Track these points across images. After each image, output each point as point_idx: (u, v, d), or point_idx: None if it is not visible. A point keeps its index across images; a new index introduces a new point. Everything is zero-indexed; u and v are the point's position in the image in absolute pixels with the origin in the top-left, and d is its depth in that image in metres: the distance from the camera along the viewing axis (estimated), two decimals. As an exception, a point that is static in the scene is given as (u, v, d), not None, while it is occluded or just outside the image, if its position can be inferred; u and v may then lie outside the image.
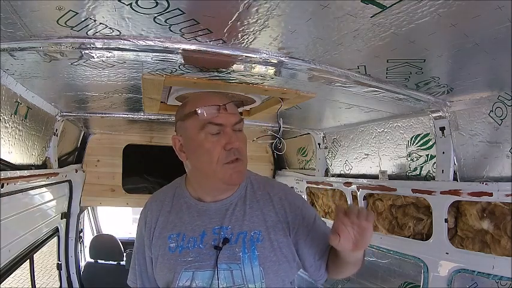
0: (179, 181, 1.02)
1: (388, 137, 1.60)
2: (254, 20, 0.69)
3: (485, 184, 1.14)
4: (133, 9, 0.64)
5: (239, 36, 0.77)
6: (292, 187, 0.97)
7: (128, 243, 3.21)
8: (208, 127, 0.85)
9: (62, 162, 1.99)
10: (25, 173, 1.37)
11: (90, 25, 0.71)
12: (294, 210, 0.94)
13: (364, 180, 1.76)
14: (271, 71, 0.96)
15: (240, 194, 0.94)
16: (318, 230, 0.95)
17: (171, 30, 0.74)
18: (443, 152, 1.31)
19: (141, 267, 1.00)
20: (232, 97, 1.22)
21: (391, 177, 1.61)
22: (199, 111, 0.85)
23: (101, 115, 1.70)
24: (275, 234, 0.90)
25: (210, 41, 0.80)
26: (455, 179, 1.29)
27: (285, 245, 0.91)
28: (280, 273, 0.90)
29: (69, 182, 2.19)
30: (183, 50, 0.82)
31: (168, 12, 0.66)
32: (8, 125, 1.15)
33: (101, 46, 0.80)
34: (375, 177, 1.70)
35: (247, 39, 0.79)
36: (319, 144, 2.15)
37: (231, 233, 0.89)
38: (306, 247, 0.93)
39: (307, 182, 2.31)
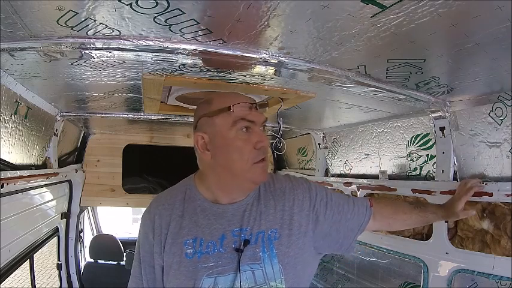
0: (188, 182, 0.97)
1: (388, 137, 1.60)
2: (254, 20, 0.69)
3: (485, 184, 1.14)
4: (133, 9, 0.64)
5: (239, 36, 0.77)
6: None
7: (128, 243, 3.22)
8: (241, 123, 0.85)
9: (62, 162, 1.99)
10: (25, 173, 1.37)
11: (90, 25, 0.71)
12: (306, 192, 0.96)
13: (364, 180, 1.76)
14: (271, 71, 0.96)
15: (254, 193, 0.94)
16: (334, 199, 0.99)
17: (171, 30, 0.74)
18: (443, 152, 1.31)
19: (147, 276, 0.91)
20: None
21: (391, 177, 1.61)
22: (233, 108, 0.85)
23: (101, 115, 1.70)
24: (290, 229, 0.90)
25: (210, 41, 0.80)
26: (455, 179, 1.29)
27: (302, 236, 0.91)
28: (297, 266, 0.90)
29: (69, 182, 2.19)
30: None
31: (168, 12, 0.65)
32: (8, 125, 1.15)
33: (101, 46, 0.80)
34: (375, 177, 1.70)
35: (247, 39, 0.79)
36: (319, 144, 2.14)
37: (250, 233, 0.88)
38: (327, 219, 0.96)
39: (307, 182, 2.30)
